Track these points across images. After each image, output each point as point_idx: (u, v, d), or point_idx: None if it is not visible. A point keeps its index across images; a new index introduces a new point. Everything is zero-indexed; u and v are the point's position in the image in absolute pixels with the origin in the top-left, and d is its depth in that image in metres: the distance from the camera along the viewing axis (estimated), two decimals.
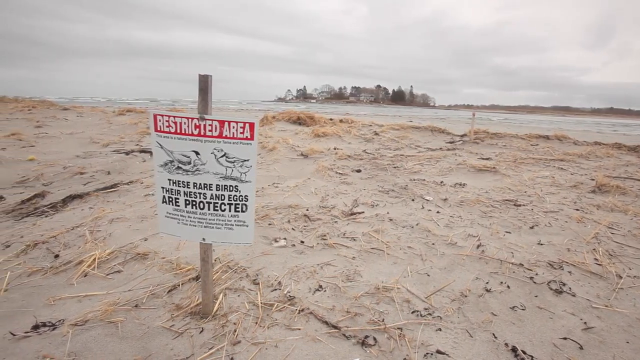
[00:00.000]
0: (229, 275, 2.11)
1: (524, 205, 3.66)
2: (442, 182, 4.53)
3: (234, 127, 1.44)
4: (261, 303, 1.87)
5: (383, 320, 1.77)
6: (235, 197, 1.53)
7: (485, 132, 8.49)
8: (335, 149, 6.30)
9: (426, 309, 1.89)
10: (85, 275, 2.10)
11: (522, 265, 2.36)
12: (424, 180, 4.58)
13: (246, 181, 1.51)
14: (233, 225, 1.57)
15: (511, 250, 2.59)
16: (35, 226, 2.82)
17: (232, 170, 1.49)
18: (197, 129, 1.43)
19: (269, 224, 2.94)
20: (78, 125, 9.54)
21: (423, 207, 3.54)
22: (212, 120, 1.42)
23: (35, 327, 1.63)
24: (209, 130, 1.43)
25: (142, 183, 4.03)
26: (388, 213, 3.32)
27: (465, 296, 1.99)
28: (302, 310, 1.84)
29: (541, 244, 2.72)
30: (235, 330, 1.65)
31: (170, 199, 1.55)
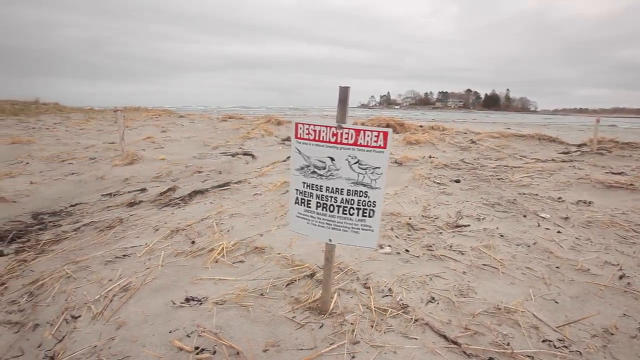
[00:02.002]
0: (341, 277, 2.20)
1: None
2: (559, 198, 4.00)
3: (368, 136, 1.51)
4: (374, 307, 1.90)
5: (509, 344, 1.64)
6: (364, 202, 1.59)
7: (612, 142, 7.23)
8: (430, 157, 6.07)
9: (560, 340, 1.69)
10: (216, 262, 2.41)
11: None
12: (536, 195, 4.11)
13: (376, 187, 1.57)
14: (359, 229, 1.64)
15: None
16: (173, 215, 3.35)
17: (364, 177, 1.56)
18: (334, 137, 1.54)
19: None
20: (192, 130, 11.03)
21: (539, 225, 3.18)
22: (349, 128, 1.51)
23: (187, 300, 1.93)
24: (345, 138, 1.53)
25: (249, 183, 4.46)
26: (497, 228, 3.07)
27: (612, 334, 1.72)
28: (417, 320, 1.81)
29: None
30: (353, 330, 1.72)
31: (303, 201, 1.69)
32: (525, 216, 3.43)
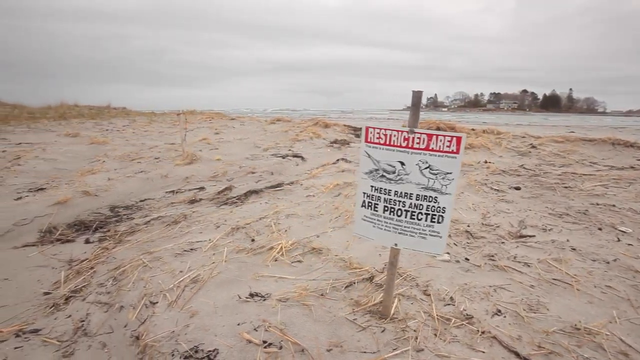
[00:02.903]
0: (400, 282, 2.17)
1: None
2: None
3: (441, 141, 1.48)
4: (437, 315, 1.86)
5: None
6: (433, 208, 1.56)
7: None
8: (486, 162, 5.77)
9: None
10: (276, 260, 2.50)
11: None
12: (612, 206, 3.73)
13: (446, 193, 1.53)
14: (427, 234, 1.61)
15: None
16: (232, 213, 3.53)
17: (434, 182, 1.53)
18: (406, 142, 1.53)
19: None
20: (242, 132, 11.51)
21: (619, 240, 2.88)
22: (421, 133, 1.50)
23: (251, 295, 2.03)
24: (417, 143, 1.51)
25: (301, 185, 4.56)
26: (568, 241, 2.83)
27: None
28: (484, 332, 1.74)
29: None
30: (416, 338, 1.69)
31: (370, 204, 1.70)
32: (600, 229, 3.13)
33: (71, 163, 6.59)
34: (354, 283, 2.17)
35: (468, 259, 2.55)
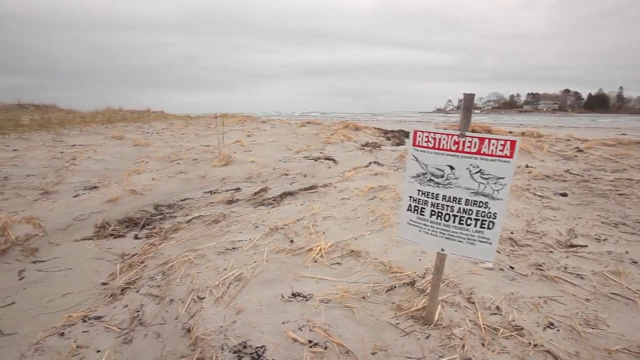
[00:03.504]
0: (442, 288, 2.13)
1: None
2: None
3: (493, 145, 1.45)
4: (483, 324, 1.80)
5: None
6: (483, 214, 1.53)
7: None
8: (527, 166, 5.51)
9: None
10: (315, 262, 2.53)
11: None
12: None
13: (498, 198, 1.49)
14: (476, 240, 1.58)
15: None
16: (269, 214, 3.61)
17: (485, 187, 1.50)
18: (456, 145, 1.51)
19: None
20: (274, 135, 11.74)
21: None
22: (472, 137, 1.47)
23: (294, 295, 2.07)
24: (468, 147, 1.49)
25: (335, 187, 4.59)
26: (627, 253, 2.65)
27: None
28: (536, 345, 1.67)
29: None
30: (463, 346, 1.65)
31: (416, 208, 1.69)
32: None
33: (118, 163, 7.04)
34: (395, 287, 2.16)
35: (513, 268, 2.45)
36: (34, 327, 2.10)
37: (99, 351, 1.79)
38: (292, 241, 2.86)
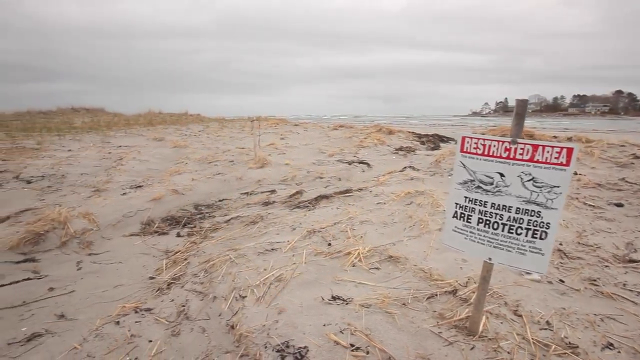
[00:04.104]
0: (486, 299, 2.06)
1: None
2: None
3: (548, 152, 1.39)
4: (533, 339, 1.72)
5: None
6: (535, 223, 1.47)
7: None
8: (575, 174, 5.19)
9: None
10: (353, 266, 2.54)
11: None
12: None
13: (552, 208, 1.43)
14: (526, 250, 1.52)
15: None
16: (305, 217, 3.66)
17: (538, 195, 1.44)
18: (507, 152, 1.47)
19: None
20: (307, 138, 11.86)
21: None
22: (525, 144, 1.43)
23: (333, 298, 2.09)
24: (520, 154, 1.44)
25: (370, 191, 4.56)
26: None
27: None
28: None
29: None
30: None
31: (462, 215, 1.65)
32: None
33: (160, 164, 7.42)
34: (436, 295, 2.12)
35: (563, 281, 2.32)
36: (92, 314, 2.28)
37: (150, 341, 1.91)
38: (329, 244, 2.88)
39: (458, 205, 1.66)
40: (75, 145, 8.98)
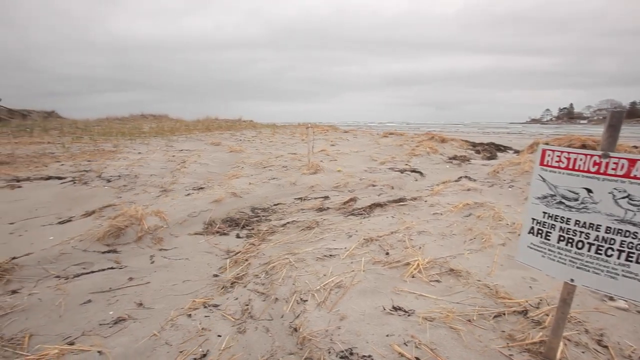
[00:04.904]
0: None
1: None
2: None
3: None
4: None
5: None
6: (631, 245, 1.35)
7: None
8: None
9: None
10: (413, 277, 2.50)
11: None
12: None
13: None
14: (618, 275, 1.39)
15: None
16: (361, 224, 3.68)
17: (634, 215, 1.32)
18: (596, 166, 1.37)
19: None
20: (357, 145, 11.88)
21: None
22: (619, 158, 1.32)
23: (394, 308, 2.08)
24: (612, 169, 1.34)
25: (425, 201, 4.45)
26: None
27: None
28: None
29: None
30: None
31: (540, 232, 1.56)
32: None
33: (218, 167, 7.90)
34: (504, 314, 2.01)
35: None
36: (166, 305, 2.49)
37: (219, 336, 2.04)
38: (387, 253, 2.87)
39: (535, 221, 1.57)
40: (144, 148, 9.89)
